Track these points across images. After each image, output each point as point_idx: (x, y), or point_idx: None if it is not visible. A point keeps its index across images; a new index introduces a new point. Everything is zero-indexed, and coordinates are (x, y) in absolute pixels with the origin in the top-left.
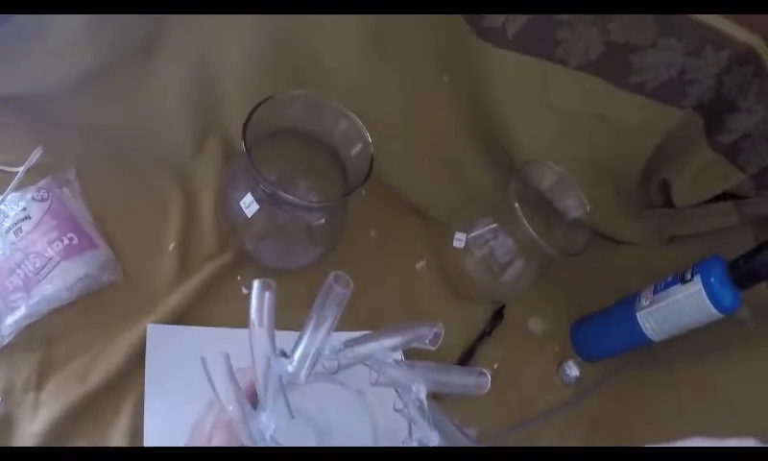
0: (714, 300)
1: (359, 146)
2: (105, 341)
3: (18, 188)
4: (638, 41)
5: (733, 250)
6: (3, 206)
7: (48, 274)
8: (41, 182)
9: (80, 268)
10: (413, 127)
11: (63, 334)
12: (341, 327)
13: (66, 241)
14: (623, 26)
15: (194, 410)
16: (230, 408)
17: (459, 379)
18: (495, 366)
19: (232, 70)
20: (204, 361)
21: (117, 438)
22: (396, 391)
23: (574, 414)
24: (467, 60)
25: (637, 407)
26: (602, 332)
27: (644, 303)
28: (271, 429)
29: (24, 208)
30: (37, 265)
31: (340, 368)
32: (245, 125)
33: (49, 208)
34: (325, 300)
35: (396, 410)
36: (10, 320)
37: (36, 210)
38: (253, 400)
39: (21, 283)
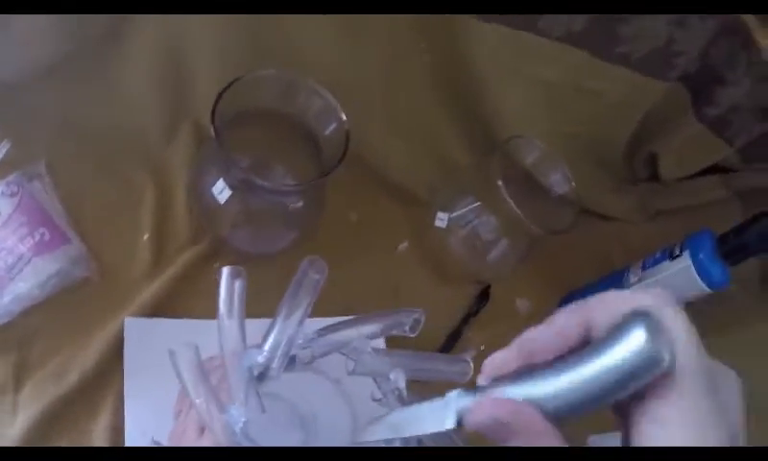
0: (703, 275)
1: (334, 125)
2: (81, 338)
3: None
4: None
5: (722, 224)
6: None
7: (20, 272)
8: (10, 177)
9: (52, 264)
10: (391, 103)
11: (38, 334)
12: (320, 314)
13: (38, 237)
14: None
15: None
16: (198, 402)
17: (440, 366)
18: (482, 347)
19: (204, 54)
20: (172, 354)
21: (98, 437)
22: (375, 380)
23: None
24: (447, 33)
25: None
26: None
27: (633, 279)
28: (240, 423)
29: None
30: (9, 263)
31: (314, 358)
32: (213, 108)
33: (19, 204)
34: (299, 286)
35: (374, 400)
36: None
37: (6, 206)
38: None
39: None
